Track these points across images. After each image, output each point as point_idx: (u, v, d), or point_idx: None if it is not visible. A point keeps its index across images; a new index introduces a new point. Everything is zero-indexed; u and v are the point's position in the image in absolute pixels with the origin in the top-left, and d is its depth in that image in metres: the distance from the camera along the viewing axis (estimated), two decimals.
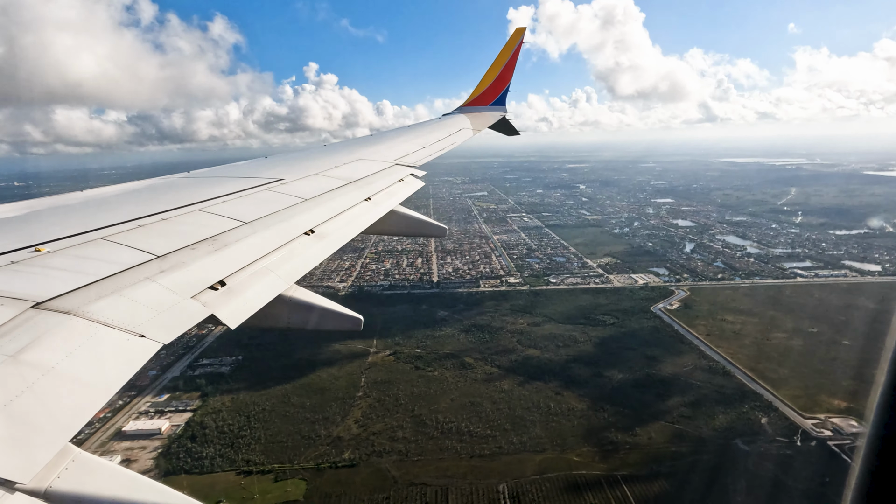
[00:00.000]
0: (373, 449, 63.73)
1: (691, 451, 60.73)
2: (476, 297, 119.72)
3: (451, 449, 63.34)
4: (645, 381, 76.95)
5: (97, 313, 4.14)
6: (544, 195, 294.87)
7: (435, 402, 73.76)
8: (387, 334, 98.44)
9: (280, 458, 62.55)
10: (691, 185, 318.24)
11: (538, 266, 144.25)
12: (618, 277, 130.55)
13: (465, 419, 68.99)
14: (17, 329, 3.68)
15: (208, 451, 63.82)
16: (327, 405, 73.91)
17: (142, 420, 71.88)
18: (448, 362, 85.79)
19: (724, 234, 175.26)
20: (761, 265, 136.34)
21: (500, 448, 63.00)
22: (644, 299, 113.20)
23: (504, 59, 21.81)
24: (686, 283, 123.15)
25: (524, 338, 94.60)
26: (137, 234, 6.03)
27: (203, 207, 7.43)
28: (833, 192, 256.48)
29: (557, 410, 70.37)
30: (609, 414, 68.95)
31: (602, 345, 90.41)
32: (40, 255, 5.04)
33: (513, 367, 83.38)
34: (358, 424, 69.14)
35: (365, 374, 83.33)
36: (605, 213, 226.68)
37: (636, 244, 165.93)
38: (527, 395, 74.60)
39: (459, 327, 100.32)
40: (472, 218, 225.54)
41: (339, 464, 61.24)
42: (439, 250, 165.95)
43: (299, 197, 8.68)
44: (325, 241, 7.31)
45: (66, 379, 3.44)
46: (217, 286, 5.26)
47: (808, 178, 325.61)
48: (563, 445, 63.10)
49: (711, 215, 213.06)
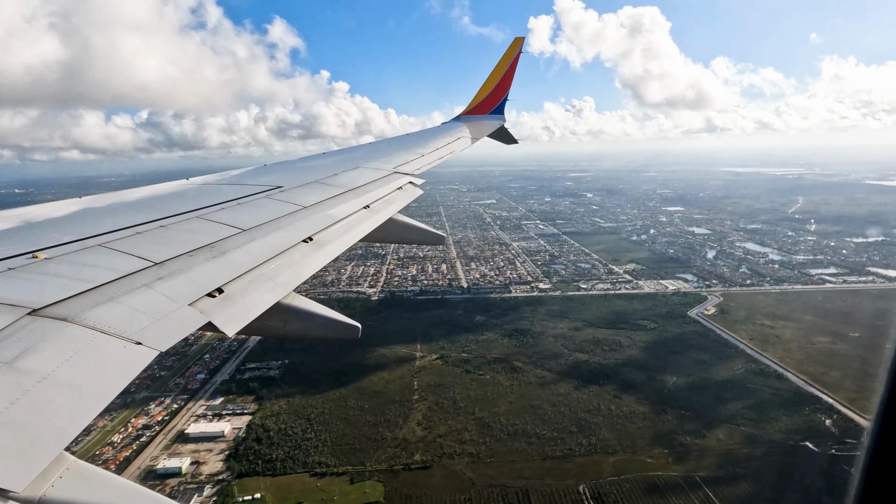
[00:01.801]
0: (442, 451, 63.61)
1: (764, 453, 61.10)
2: (510, 302, 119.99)
3: (522, 451, 63.34)
4: (700, 385, 77.37)
5: (94, 320, 4.11)
6: (553, 203, 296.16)
7: (494, 405, 73.75)
8: (429, 339, 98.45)
9: (351, 460, 62.27)
10: (697, 193, 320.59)
11: (564, 272, 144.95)
12: (647, 283, 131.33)
13: (528, 422, 69.03)
14: (13, 336, 3.65)
15: (277, 454, 63.42)
16: (386, 408, 73.69)
17: (202, 423, 71.36)
18: (498, 366, 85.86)
19: (742, 242, 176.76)
20: (788, 271, 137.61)
21: (570, 450, 63.09)
22: (679, 304, 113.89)
23: (503, 68, 21.96)
24: (717, 289, 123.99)
25: (568, 342, 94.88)
26: (135, 240, 6.00)
27: (201, 214, 7.41)
28: (841, 201, 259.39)
29: (619, 413, 70.56)
30: (672, 417, 69.23)
31: (649, 349, 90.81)
32: (38, 262, 5.00)
33: (564, 370, 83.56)
34: (421, 427, 69.00)
35: (416, 377, 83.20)
36: (618, 221, 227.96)
37: (658, 251, 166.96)
38: (585, 398, 74.76)
39: (501, 332, 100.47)
40: (486, 225, 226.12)
41: (412, 466, 61.09)
42: (461, 257, 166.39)
43: (298, 205, 8.67)
44: (323, 248, 7.30)
45: (63, 386, 3.38)
46: (215, 293, 5.22)
47: (812, 188, 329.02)
48: (633, 447, 63.26)
49: (725, 223, 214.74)
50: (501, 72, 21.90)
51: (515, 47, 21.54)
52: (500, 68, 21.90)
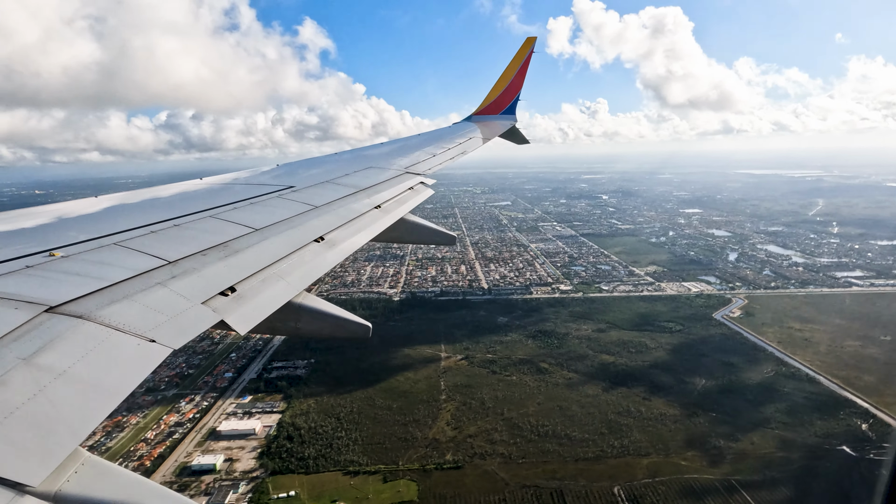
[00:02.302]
0: (473, 451, 63.57)
1: (801, 458, 60.30)
2: (531, 303, 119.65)
3: (553, 452, 63.11)
4: (730, 388, 76.59)
5: (109, 318, 4.14)
6: (569, 205, 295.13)
7: (522, 406, 73.58)
8: (453, 339, 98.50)
9: (382, 459, 62.44)
10: (715, 195, 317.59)
11: (585, 274, 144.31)
12: (669, 285, 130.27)
13: (558, 423, 68.75)
14: (31, 332, 3.70)
15: (309, 452, 63.78)
16: (414, 408, 73.82)
17: (233, 420, 72.00)
18: (524, 367, 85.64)
19: (764, 244, 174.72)
20: (812, 274, 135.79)
21: (602, 451, 62.74)
22: (702, 307, 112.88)
23: (515, 68, 21.76)
24: (741, 292, 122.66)
25: (593, 344, 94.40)
26: (150, 239, 6.04)
27: (214, 214, 7.43)
28: (863, 204, 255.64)
29: (649, 415, 70.03)
30: (704, 419, 68.61)
31: (676, 352, 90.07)
32: (55, 260, 5.04)
33: (591, 372, 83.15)
34: (451, 427, 69.03)
35: (443, 377, 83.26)
36: (636, 223, 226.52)
37: (678, 253, 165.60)
38: (614, 400, 74.33)
39: (525, 333, 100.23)
40: (503, 227, 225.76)
41: (444, 465, 61.13)
42: (480, 258, 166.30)
43: (310, 204, 8.66)
44: (335, 248, 7.28)
45: (79, 383, 3.42)
46: (227, 292, 5.24)
47: (832, 190, 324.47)
48: (666, 450, 62.76)
49: (745, 225, 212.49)
50: (513, 72, 21.80)
51: (527, 47, 21.40)
52: (512, 68, 21.79)
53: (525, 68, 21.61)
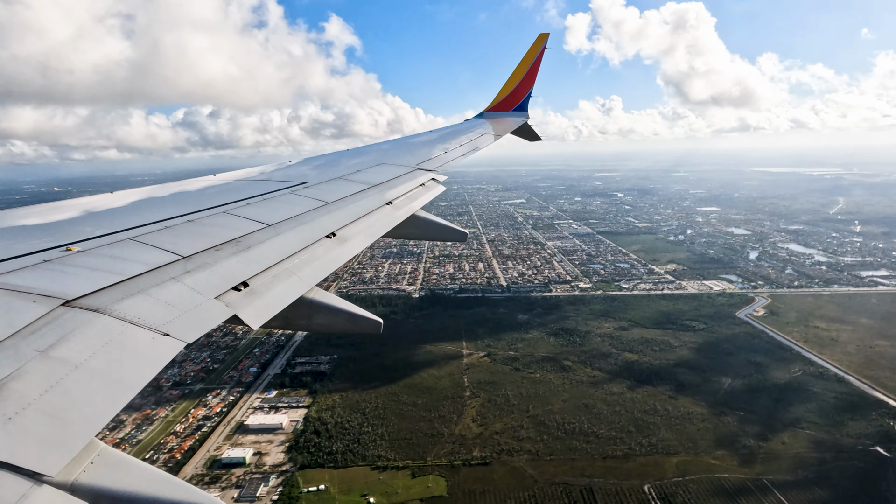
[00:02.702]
0: (500, 448, 63.58)
1: (834, 458, 59.53)
2: (551, 301, 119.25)
3: (581, 449, 62.92)
4: (758, 387, 75.75)
5: (124, 312, 4.17)
6: (584, 203, 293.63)
7: (547, 404, 73.41)
8: (474, 336, 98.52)
9: (410, 455, 62.67)
10: (732, 194, 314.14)
11: (604, 272, 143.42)
12: (690, 284, 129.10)
13: (584, 420, 68.54)
14: (47, 325, 3.73)
15: (337, 447, 64.20)
16: (439, 404, 73.97)
17: (260, 415, 72.66)
18: (547, 365, 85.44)
19: (785, 243, 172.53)
20: (836, 273, 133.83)
21: (631, 449, 62.42)
22: (725, 305, 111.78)
23: (527, 64, 21.49)
24: (763, 291, 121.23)
25: (616, 342, 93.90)
26: (164, 234, 6.06)
27: (228, 210, 7.44)
28: (885, 202, 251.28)
29: (676, 414, 69.54)
30: (733, 419, 67.96)
31: (700, 350, 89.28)
32: (71, 255, 5.07)
33: (615, 370, 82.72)
34: (477, 423, 69.07)
35: (466, 374, 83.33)
36: (653, 221, 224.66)
37: (697, 251, 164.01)
38: (640, 398, 73.89)
39: (546, 331, 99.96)
40: (518, 225, 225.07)
41: (471, 461, 61.20)
42: (497, 255, 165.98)
43: (322, 200, 8.63)
44: (346, 244, 7.28)
45: (94, 375, 3.45)
46: (240, 287, 5.25)
47: (852, 188, 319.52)
48: (695, 448, 62.30)
49: (765, 223, 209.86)
50: (525, 68, 21.58)
51: (540, 44, 21.13)
52: (524, 65, 21.55)
53: (537, 65, 21.46)
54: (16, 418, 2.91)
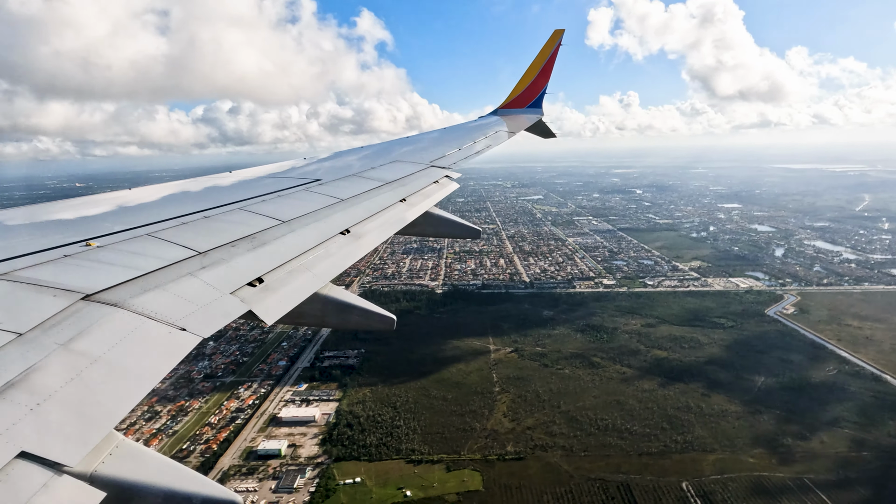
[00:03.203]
0: (534, 443, 63.49)
1: (876, 458, 58.48)
2: (576, 297, 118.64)
3: (615, 446, 62.56)
4: (792, 385, 74.63)
5: (142, 306, 4.21)
6: (603, 199, 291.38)
7: (578, 400, 73.09)
8: (500, 332, 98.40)
9: (444, 449, 62.84)
10: (753, 190, 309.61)
11: (627, 268, 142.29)
12: (716, 281, 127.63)
13: (617, 417, 68.15)
14: (68, 319, 3.78)
15: (370, 440, 64.58)
16: (469, 399, 74.02)
17: (292, 408, 73.36)
18: (575, 361, 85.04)
19: (811, 240, 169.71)
20: (866, 271, 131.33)
21: (666, 446, 61.93)
22: (753, 303, 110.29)
23: (541, 61, 21.14)
24: (792, 288, 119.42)
25: (644, 338, 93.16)
26: (181, 231, 6.11)
27: (243, 206, 7.47)
28: None
29: (710, 412, 68.82)
30: (769, 417, 67.12)
31: (731, 348, 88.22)
32: (91, 250, 5.14)
33: (645, 367, 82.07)
34: (508, 419, 69.02)
35: (494, 369, 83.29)
36: (674, 218, 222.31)
37: (721, 248, 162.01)
38: (672, 395, 73.25)
39: (573, 327, 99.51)
40: (538, 221, 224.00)
41: (506, 456, 61.20)
42: (518, 252, 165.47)
43: (336, 197, 8.63)
44: (360, 240, 7.25)
45: (112, 368, 3.48)
46: (255, 283, 5.25)
47: (878, 186, 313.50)
48: (731, 446, 61.61)
49: (789, 220, 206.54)
50: (540, 65, 21.28)
51: (555, 40, 20.76)
52: (539, 62, 21.25)
53: (552, 62, 21.17)
54: (37, 409, 2.97)
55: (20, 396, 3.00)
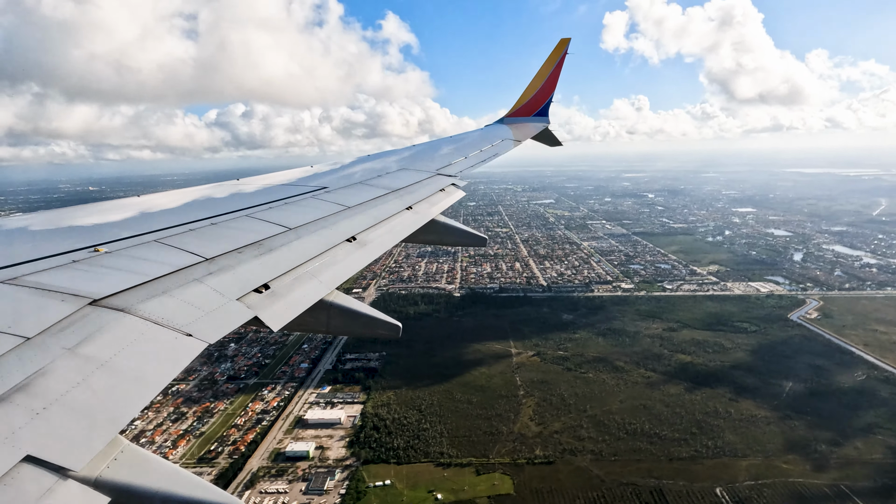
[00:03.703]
0: (562, 447, 63.09)
1: None
2: (595, 301, 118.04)
3: (645, 450, 62.02)
4: (821, 391, 73.77)
5: (149, 312, 4.22)
6: (615, 203, 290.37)
7: (604, 404, 72.58)
8: (520, 336, 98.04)
9: (472, 452, 62.56)
10: (767, 195, 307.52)
11: (644, 272, 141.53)
12: (736, 285, 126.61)
13: (645, 421, 67.59)
14: (75, 324, 3.78)
15: (398, 443, 64.41)
16: (494, 402, 73.72)
17: (317, 410, 73.38)
18: (599, 365, 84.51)
19: (829, 244, 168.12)
20: (889, 276, 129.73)
21: (697, 452, 61.32)
22: (775, 307, 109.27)
23: (548, 70, 20.87)
24: (814, 293, 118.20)
25: (667, 343, 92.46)
26: (188, 237, 6.12)
27: (250, 213, 7.47)
28: None
29: (739, 417, 68.11)
30: (800, 423, 66.30)
31: (756, 353, 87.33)
32: (99, 255, 5.16)
33: (670, 371, 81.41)
34: (535, 422, 68.64)
35: (517, 373, 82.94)
36: (688, 222, 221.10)
37: (738, 252, 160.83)
38: (699, 400, 72.58)
39: (594, 331, 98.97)
40: (551, 225, 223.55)
41: (535, 460, 60.82)
42: (533, 255, 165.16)
43: (342, 205, 8.64)
44: (366, 248, 7.27)
45: (119, 373, 3.49)
46: (261, 289, 5.26)
47: (893, 190, 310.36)
48: (764, 452, 60.88)
49: (805, 225, 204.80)
50: (546, 74, 21.02)
51: (561, 49, 20.52)
52: (545, 70, 20.99)
53: (558, 70, 20.96)
54: (43, 413, 2.98)
55: (27, 400, 3.02)
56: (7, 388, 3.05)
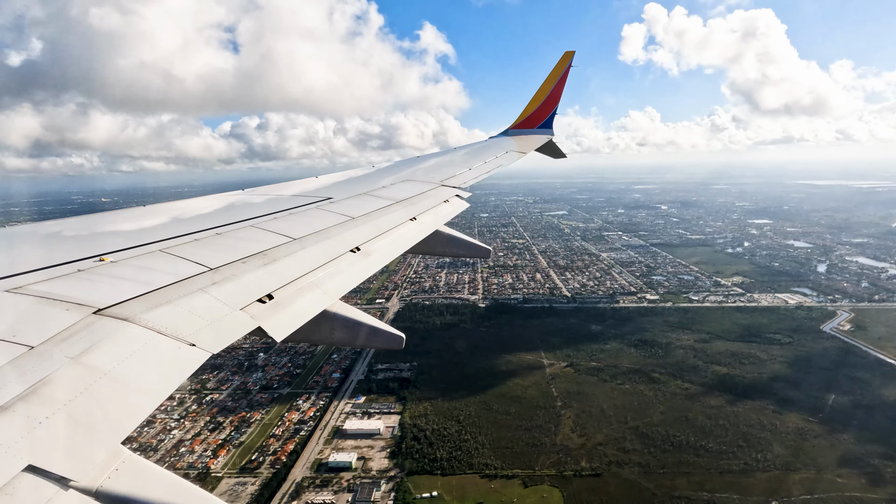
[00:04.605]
0: (608, 459, 62.20)
1: None
2: (621, 312, 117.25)
3: (693, 463, 61.07)
4: (867, 404, 72.65)
5: (152, 321, 4.21)
6: (629, 215, 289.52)
7: (645, 416, 71.66)
8: (551, 347, 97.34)
9: (517, 464, 61.80)
10: (781, 206, 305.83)
11: (668, 283, 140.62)
12: (762, 297, 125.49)
13: (689, 433, 66.64)
14: (79, 333, 3.77)
15: (440, 454, 63.73)
16: (532, 413, 72.96)
17: (354, 420, 72.80)
18: (634, 376, 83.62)
19: (852, 256, 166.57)
20: None
21: (747, 465, 60.29)
22: (806, 319, 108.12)
23: (552, 82, 20.89)
24: (843, 305, 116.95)
25: (700, 354, 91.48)
26: (193, 247, 6.14)
27: (255, 223, 7.51)
28: None
29: (785, 430, 67.04)
30: (849, 436, 65.18)
31: (794, 365, 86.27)
32: (104, 265, 5.17)
33: (708, 383, 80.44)
34: (576, 434, 67.81)
35: (552, 384, 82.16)
36: (705, 233, 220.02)
37: (761, 264, 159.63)
38: (742, 412, 71.55)
39: (625, 342, 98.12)
40: (566, 236, 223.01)
41: (582, 472, 59.92)
42: (553, 266, 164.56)
43: (347, 215, 8.68)
44: (370, 258, 7.27)
45: (122, 382, 3.48)
46: (265, 299, 5.24)
47: None
48: (815, 466, 59.79)
49: (825, 236, 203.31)
50: (550, 86, 21.06)
51: (565, 61, 20.57)
52: (550, 82, 21.03)
53: (563, 82, 21.03)
54: (46, 422, 2.95)
55: (29, 409, 2.99)
56: (10, 396, 3.03)
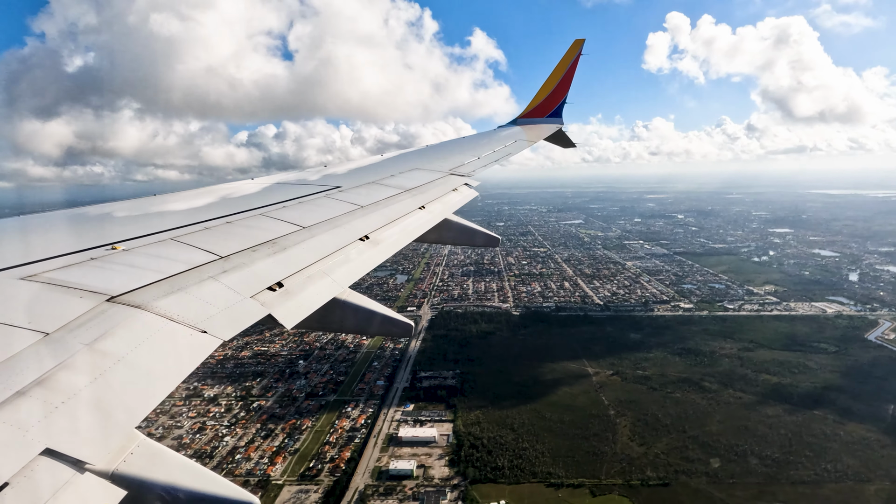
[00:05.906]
0: (673, 468, 61.17)
1: None
2: (658, 321, 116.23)
3: (762, 473, 59.94)
4: None
5: (165, 308, 4.26)
6: (646, 224, 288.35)
7: (703, 425, 70.56)
8: (594, 355, 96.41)
9: (580, 473, 60.86)
10: (800, 215, 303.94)
11: (699, 292, 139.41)
12: (799, 305, 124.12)
13: (752, 443, 65.53)
14: (93, 320, 3.83)
15: (501, 462, 62.87)
16: (587, 422, 72.00)
17: (408, 427, 72.03)
18: (684, 385, 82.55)
19: (882, 265, 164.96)
20: None
21: (818, 475, 59.10)
22: (848, 327, 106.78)
23: (562, 70, 20.79)
24: (884, 314, 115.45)
25: (747, 363, 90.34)
26: (204, 235, 6.18)
27: (265, 212, 7.55)
28: None
29: (851, 440, 65.80)
30: None
31: (846, 374, 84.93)
32: (116, 253, 5.22)
33: (762, 392, 79.27)
34: (636, 442, 66.79)
35: (601, 392, 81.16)
36: (727, 242, 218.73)
37: (791, 273, 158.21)
38: (802, 422, 70.35)
39: (668, 350, 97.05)
40: (587, 245, 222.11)
41: (649, 482, 58.87)
42: (579, 275, 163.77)
43: (355, 204, 8.72)
44: (378, 247, 7.33)
45: (135, 369, 3.53)
46: (275, 287, 5.30)
47: None
48: (889, 477, 58.56)
49: (850, 245, 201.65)
50: (560, 75, 20.97)
51: (575, 49, 20.52)
52: (559, 71, 20.98)
53: (573, 71, 20.90)
54: (62, 408, 2.99)
55: (45, 395, 3.03)
56: (27, 382, 3.07)
